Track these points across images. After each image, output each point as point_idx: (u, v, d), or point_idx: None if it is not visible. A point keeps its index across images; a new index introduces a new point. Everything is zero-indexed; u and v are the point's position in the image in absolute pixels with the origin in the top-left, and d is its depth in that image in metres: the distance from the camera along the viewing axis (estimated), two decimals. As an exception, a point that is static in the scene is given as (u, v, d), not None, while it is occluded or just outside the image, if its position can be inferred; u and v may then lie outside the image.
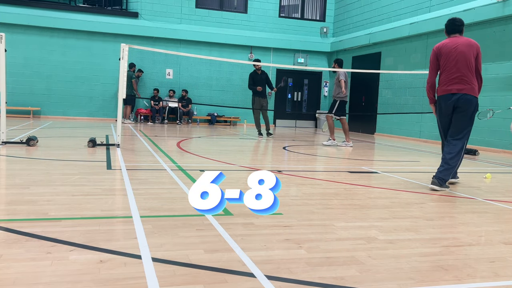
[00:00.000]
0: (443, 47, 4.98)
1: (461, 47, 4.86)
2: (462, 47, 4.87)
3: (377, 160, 8.05)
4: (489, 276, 2.37)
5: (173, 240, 2.70)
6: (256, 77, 11.58)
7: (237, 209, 3.40)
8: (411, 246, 2.82)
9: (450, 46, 4.94)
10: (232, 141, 10.30)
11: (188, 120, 16.06)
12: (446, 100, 4.92)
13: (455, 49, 4.89)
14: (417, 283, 2.21)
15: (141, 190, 4.10)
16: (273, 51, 17.14)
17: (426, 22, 12.29)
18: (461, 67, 4.85)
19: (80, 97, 15.36)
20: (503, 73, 10.17)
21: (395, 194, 4.55)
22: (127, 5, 16.01)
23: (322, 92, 18.16)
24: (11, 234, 2.68)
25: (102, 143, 7.52)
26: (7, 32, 8.35)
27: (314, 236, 2.93)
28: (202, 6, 16.42)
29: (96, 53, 15.35)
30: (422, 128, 12.61)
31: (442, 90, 5.00)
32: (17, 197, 3.69)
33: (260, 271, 2.26)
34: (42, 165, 5.37)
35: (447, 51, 4.94)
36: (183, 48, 15.72)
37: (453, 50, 4.89)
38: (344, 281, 2.20)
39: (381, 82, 14.46)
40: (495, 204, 4.32)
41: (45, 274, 2.12)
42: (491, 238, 3.10)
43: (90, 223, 3.01)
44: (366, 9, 15.54)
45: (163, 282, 2.07)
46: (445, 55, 4.93)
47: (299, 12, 17.81)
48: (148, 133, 11.03)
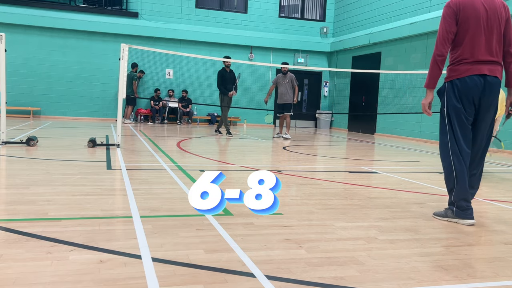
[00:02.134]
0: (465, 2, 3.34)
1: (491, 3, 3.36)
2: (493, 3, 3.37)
3: (377, 160, 8.05)
4: (489, 276, 2.37)
5: (173, 240, 2.70)
6: (225, 75, 11.45)
7: (237, 209, 3.40)
8: (411, 246, 2.82)
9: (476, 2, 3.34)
10: (232, 141, 10.30)
11: (188, 120, 16.06)
12: (472, 87, 3.31)
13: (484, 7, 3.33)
14: (417, 283, 2.21)
15: (141, 190, 4.10)
16: (273, 51, 17.14)
17: (426, 22, 12.29)
18: (491, 35, 3.34)
19: (80, 97, 15.35)
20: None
21: (395, 194, 4.55)
22: (127, 5, 16.00)
23: (322, 92, 18.15)
24: (11, 234, 2.69)
25: (102, 143, 7.52)
26: (7, 32, 8.35)
27: (314, 236, 2.93)
28: (202, 6, 16.42)
29: (96, 53, 15.34)
30: (422, 128, 12.60)
31: (465, 69, 3.34)
32: (17, 197, 3.69)
33: (260, 271, 2.26)
34: (42, 165, 5.37)
35: (473, 8, 3.33)
36: (183, 48, 15.72)
37: (482, 8, 3.33)
38: (344, 281, 2.20)
39: (381, 82, 14.46)
40: (495, 204, 4.32)
41: (45, 274, 2.12)
42: (491, 238, 3.10)
43: (90, 223, 3.01)
44: (366, 9, 15.54)
45: (163, 282, 2.07)
46: (471, 12, 3.33)
47: (299, 12, 17.81)
48: (148, 133, 11.03)
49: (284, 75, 11.25)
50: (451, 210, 3.48)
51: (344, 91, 16.99)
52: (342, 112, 17.04)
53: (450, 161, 3.39)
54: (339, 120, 17.44)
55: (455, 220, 3.44)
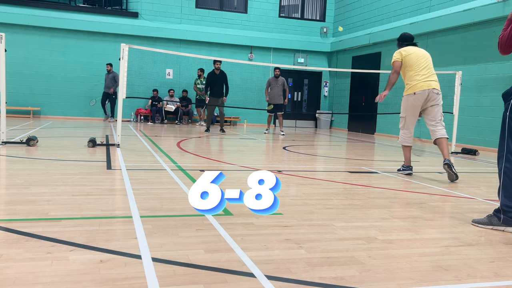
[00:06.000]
0: None
1: None
2: None
3: (377, 160, 8.05)
4: (489, 276, 2.37)
5: (173, 240, 2.70)
6: (213, 77, 11.90)
7: (237, 209, 3.40)
8: (411, 246, 2.82)
9: None
10: (232, 141, 10.30)
11: (188, 120, 16.06)
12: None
13: None
14: (417, 283, 2.21)
15: (141, 190, 4.10)
16: (273, 51, 17.14)
17: (426, 22, 12.29)
18: None
19: (80, 97, 15.36)
20: (503, 73, 10.17)
21: (395, 194, 4.55)
22: (127, 5, 16.01)
23: (322, 92, 18.16)
24: (11, 234, 2.68)
25: (102, 143, 7.52)
26: (7, 32, 8.35)
27: (314, 236, 2.93)
28: (202, 6, 16.43)
29: (96, 53, 15.34)
30: (422, 128, 12.59)
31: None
32: (17, 197, 3.69)
33: (260, 271, 2.26)
34: (42, 165, 5.37)
35: None
36: (183, 48, 15.72)
37: None
38: (344, 281, 2.20)
39: (381, 82, 14.45)
40: (495, 204, 4.32)
41: (45, 274, 2.11)
42: (491, 238, 3.10)
43: (90, 223, 3.00)
44: (366, 9, 15.54)
45: (163, 282, 2.07)
46: None
47: (299, 12, 17.81)
48: (148, 133, 11.03)
49: (276, 78, 12.57)
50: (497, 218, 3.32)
51: (344, 91, 16.99)
52: (342, 112, 17.04)
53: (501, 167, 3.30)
54: (339, 120, 17.44)
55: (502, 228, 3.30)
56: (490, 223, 3.34)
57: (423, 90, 5.80)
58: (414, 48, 6.09)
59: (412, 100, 5.89)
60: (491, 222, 3.34)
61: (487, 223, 3.36)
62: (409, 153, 6.09)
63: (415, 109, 5.94)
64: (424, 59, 5.96)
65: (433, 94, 5.82)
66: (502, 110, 3.35)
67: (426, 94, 5.80)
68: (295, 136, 12.61)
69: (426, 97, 5.81)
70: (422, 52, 6.04)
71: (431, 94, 5.81)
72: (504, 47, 3.33)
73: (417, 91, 5.84)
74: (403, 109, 6.09)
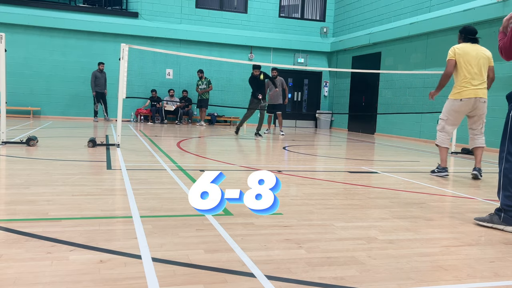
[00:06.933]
0: None
1: None
2: None
3: (377, 160, 8.05)
4: (489, 276, 2.37)
5: (173, 240, 2.70)
6: (256, 80, 11.63)
7: (237, 209, 3.40)
8: (411, 246, 2.82)
9: None
10: (232, 141, 10.30)
11: (188, 120, 16.06)
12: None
13: None
14: (417, 283, 2.21)
15: (141, 190, 4.10)
16: (273, 51, 17.14)
17: (426, 22, 12.29)
18: None
19: (80, 97, 15.35)
20: (503, 73, 10.17)
21: (395, 194, 4.55)
22: (127, 5, 16.01)
23: (322, 92, 18.16)
24: (11, 234, 2.68)
25: (102, 143, 7.52)
26: (7, 32, 8.35)
27: (314, 236, 2.93)
28: (202, 6, 16.43)
29: (96, 53, 15.34)
30: (422, 128, 12.60)
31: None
32: (17, 197, 3.69)
33: (260, 271, 2.26)
34: (42, 165, 5.37)
35: None
36: (183, 48, 15.72)
37: None
38: (344, 281, 2.20)
39: (381, 82, 14.46)
40: (495, 204, 4.32)
41: (45, 274, 2.12)
42: (491, 238, 3.10)
43: (90, 223, 3.01)
44: (366, 9, 15.54)
45: (163, 282, 2.07)
46: None
47: (299, 12, 17.81)
48: (148, 133, 11.04)
49: (274, 79, 12.51)
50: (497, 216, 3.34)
51: (344, 91, 16.99)
52: (342, 112, 17.04)
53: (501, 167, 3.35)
54: (339, 120, 17.44)
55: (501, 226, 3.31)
56: (491, 221, 3.38)
57: (469, 98, 5.62)
58: (471, 47, 5.71)
59: (458, 106, 5.73)
60: (492, 220, 3.38)
61: (489, 220, 3.40)
62: (445, 155, 5.93)
63: (458, 115, 5.80)
64: (478, 65, 5.65)
65: (479, 103, 5.67)
66: (502, 110, 3.36)
67: (472, 102, 5.66)
68: (295, 136, 12.61)
69: (472, 105, 5.67)
70: (479, 54, 5.69)
71: (478, 103, 5.66)
72: (508, 53, 3.36)
73: (463, 98, 5.66)
74: (445, 111, 5.88)
